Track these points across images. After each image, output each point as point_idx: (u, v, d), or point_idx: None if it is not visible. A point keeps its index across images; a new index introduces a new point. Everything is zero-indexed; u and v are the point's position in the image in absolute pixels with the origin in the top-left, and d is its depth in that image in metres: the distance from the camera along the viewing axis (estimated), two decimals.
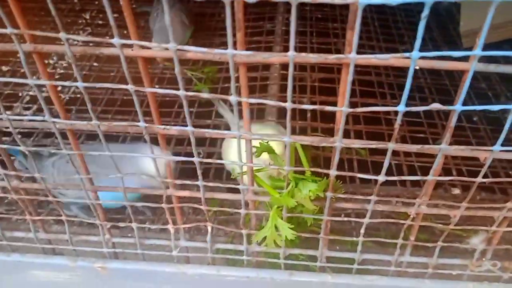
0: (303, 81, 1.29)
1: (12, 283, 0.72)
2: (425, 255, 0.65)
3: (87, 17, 1.67)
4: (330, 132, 1.14)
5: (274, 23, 1.55)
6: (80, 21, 1.64)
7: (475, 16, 1.46)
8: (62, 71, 1.41)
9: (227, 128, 1.07)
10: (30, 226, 0.66)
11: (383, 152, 1.08)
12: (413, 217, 0.57)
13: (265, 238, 0.57)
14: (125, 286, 0.68)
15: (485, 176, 0.49)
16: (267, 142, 0.63)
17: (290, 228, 0.55)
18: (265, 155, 0.60)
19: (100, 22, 1.63)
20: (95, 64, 1.42)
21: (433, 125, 1.19)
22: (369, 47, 1.47)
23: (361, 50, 1.47)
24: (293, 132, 1.10)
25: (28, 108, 1.24)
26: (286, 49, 1.44)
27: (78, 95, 1.27)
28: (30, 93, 1.30)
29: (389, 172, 1.04)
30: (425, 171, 1.04)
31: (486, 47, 0.40)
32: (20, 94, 1.30)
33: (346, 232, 0.91)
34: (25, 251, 0.69)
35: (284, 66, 1.32)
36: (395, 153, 1.12)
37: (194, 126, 0.47)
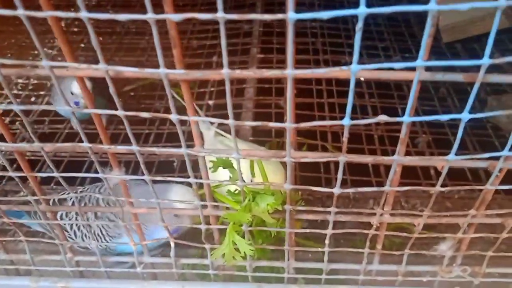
0: (280, 83, 1.27)
1: None
2: (395, 262, 0.64)
3: (63, 25, 1.64)
4: (307, 135, 1.12)
5: (252, 24, 1.53)
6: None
7: (453, 12, 1.45)
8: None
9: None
10: None
11: (358, 152, 1.06)
12: (377, 227, 0.55)
13: (223, 254, 0.55)
14: None
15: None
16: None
17: (247, 243, 0.53)
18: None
19: (76, 29, 1.61)
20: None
21: (413, 131, 1.16)
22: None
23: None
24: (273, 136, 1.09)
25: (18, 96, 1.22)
26: (263, 50, 1.42)
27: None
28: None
29: (366, 173, 1.03)
30: (403, 170, 1.03)
31: (465, 41, 0.38)
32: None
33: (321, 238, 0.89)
34: None
35: (264, 68, 1.30)
36: (373, 152, 1.10)
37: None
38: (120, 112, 0.42)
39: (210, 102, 1.20)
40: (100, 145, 0.47)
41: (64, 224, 0.71)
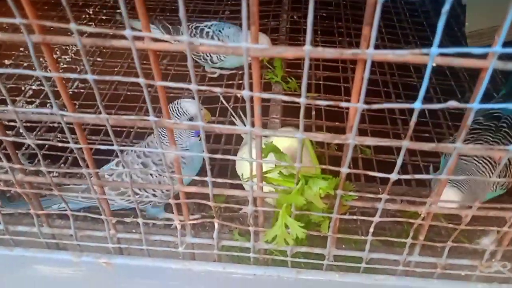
0: (308, 79, 1.28)
1: (14, 278, 0.71)
2: (432, 254, 0.65)
3: (90, 12, 1.66)
4: (335, 131, 1.13)
5: (279, 21, 1.54)
6: (83, 16, 1.63)
7: (481, 17, 1.46)
8: (65, 65, 1.40)
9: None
10: (34, 220, 0.65)
11: (387, 151, 1.08)
12: (423, 217, 0.56)
13: (275, 236, 0.56)
14: (130, 282, 0.67)
15: None
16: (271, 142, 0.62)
17: (300, 226, 0.54)
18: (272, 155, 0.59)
19: (104, 17, 1.62)
20: (98, 59, 1.41)
21: (438, 125, 1.18)
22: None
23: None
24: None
25: (30, 102, 1.23)
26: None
27: (82, 90, 1.26)
28: (33, 87, 1.29)
29: (393, 171, 1.04)
30: (427, 169, 1.04)
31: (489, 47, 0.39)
32: (22, 88, 1.29)
33: (351, 230, 0.90)
34: (28, 246, 0.69)
35: (289, 64, 1.31)
36: (400, 152, 1.11)
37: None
38: (193, 87, 0.43)
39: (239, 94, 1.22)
40: (166, 120, 0.48)
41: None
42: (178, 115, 0.89)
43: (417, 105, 0.41)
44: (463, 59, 0.40)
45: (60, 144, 0.55)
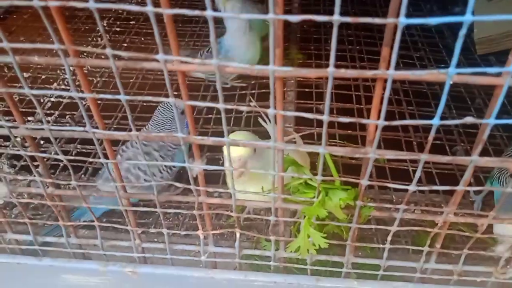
0: (319, 88, 1.31)
1: (43, 287, 0.74)
2: (448, 261, 0.66)
3: (105, 24, 1.70)
4: (347, 139, 1.15)
5: (288, 30, 1.56)
6: (97, 28, 1.67)
7: (489, 24, 1.47)
8: None
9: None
10: (63, 231, 0.68)
11: (400, 159, 1.09)
12: (440, 225, 0.58)
13: (298, 247, 0.58)
14: None
15: None
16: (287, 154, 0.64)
17: (322, 236, 0.56)
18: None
19: (118, 29, 1.66)
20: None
21: (449, 132, 1.20)
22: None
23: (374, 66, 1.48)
24: (311, 138, 1.12)
25: (49, 114, 1.26)
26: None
27: (99, 101, 1.28)
28: (52, 99, 1.33)
29: (407, 178, 1.05)
30: (442, 177, 1.06)
31: (499, 54, 0.40)
32: (41, 100, 1.32)
33: (367, 237, 0.92)
34: (55, 256, 0.71)
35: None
36: (412, 160, 1.13)
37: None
38: (221, 106, 0.45)
39: (252, 104, 1.24)
40: (193, 136, 0.50)
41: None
42: (170, 110, 1.01)
43: (435, 121, 0.43)
44: (478, 77, 0.42)
45: (91, 159, 0.58)
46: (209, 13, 0.38)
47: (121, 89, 0.47)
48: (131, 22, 1.69)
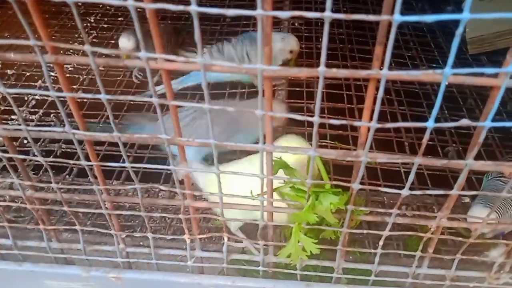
0: (310, 86, 1.29)
1: None
2: (439, 265, 0.65)
3: (92, 20, 1.66)
4: (338, 139, 1.13)
5: (280, 28, 1.54)
6: (84, 25, 1.63)
7: (481, 24, 1.46)
8: (68, 75, 1.40)
9: None
10: (43, 235, 0.65)
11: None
12: (433, 230, 0.56)
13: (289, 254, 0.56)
14: None
15: None
16: (280, 157, 0.62)
17: (313, 242, 0.54)
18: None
19: (105, 25, 1.62)
20: (101, 68, 1.41)
21: (441, 132, 1.18)
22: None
23: (366, 65, 1.47)
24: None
25: (34, 113, 1.23)
26: None
27: (85, 100, 1.26)
28: (36, 97, 1.29)
29: (398, 179, 1.04)
30: (435, 179, 1.04)
31: (490, 54, 0.39)
32: (25, 98, 1.29)
33: (357, 240, 0.90)
34: (36, 261, 0.69)
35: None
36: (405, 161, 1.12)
37: None
38: (206, 106, 0.43)
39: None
40: (178, 138, 0.48)
41: None
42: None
43: (430, 124, 0.41)
44: (475, 78, 0.41)
45: (72, 162, 0.55)
46: (193, 8, 0.36)
47: (101, 88, 0.45)
48: (119, 19, 1.65)
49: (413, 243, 0.85)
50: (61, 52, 0.45)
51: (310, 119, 0.43)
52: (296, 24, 1.62)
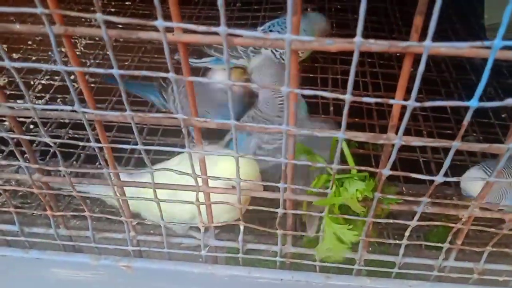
0: (325, 73, 1.25)
1: (30, 281, 0.68)
2: (464, 258, 0.62)
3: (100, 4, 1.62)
4: (354, 127, 1.10)
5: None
6: (91, 8, 1.60)
7: (501, 9, 1.41)
8: None
9: None
10: (51, 222, 0.62)
11: (408, 148, 1.04)
12: (464, 220, 0.53)
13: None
14: (151, 287, 0.64)
15: None
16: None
17: (351, 231, 0.50)
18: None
19: (112, 10, 1.59)
20: (108, 53, 1.37)
21: (460, 121, 1.14)
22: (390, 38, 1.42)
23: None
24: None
25: (40, 97, 1.20)
26: None
27: (92, 85, 1.22)
28: (43, 81, 1.26)
29: (418, 169, 1.00)
30: (454, 169, 1.00)
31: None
32: (31, 83, 1.26)
33: (375, 231, 0.86)
34: (43, 248, 0.66)
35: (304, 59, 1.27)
36: (422, 149, 1.08)
37: None
38: (229, 82, 0.40)
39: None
40: (192, 117, 0.45)
41: None
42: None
43: (473, 103, 0.37)
44: None
45: (81, 143, 0.52)
46: None
47: (114, 62, 0.41)
48: (127, 3, 1.62)
49: (435, 236, 0.82)
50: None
51: (341, 96, 0.39)
52: (308, 9, 1.57)
